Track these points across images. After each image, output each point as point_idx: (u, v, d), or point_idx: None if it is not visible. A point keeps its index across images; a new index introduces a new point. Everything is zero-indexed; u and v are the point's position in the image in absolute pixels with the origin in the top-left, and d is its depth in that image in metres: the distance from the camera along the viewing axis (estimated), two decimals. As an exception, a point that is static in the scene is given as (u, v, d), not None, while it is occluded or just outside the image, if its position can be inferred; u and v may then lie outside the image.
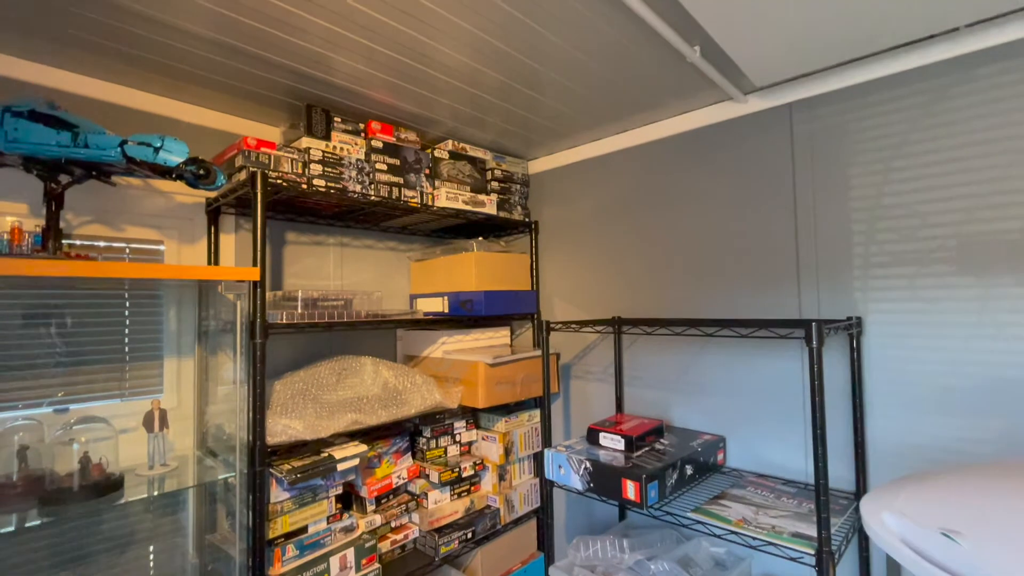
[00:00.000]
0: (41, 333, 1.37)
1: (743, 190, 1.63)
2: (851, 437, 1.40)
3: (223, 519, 1.60)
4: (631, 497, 1.31)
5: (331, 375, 1.64)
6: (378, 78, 1.47)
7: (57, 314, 1.40)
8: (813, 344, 1.03)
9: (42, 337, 1.38)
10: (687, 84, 1.55)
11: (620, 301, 1.96)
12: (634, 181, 1.92)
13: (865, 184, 1.39)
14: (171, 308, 1.60)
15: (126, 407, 1.51)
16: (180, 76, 1.43)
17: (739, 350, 1.61)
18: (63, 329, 1.40)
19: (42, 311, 1.38)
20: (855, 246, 1.40)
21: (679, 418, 1.77)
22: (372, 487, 1.67)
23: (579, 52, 1.35)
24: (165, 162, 1.16)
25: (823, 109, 1.47)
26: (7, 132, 1.10)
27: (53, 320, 1.39)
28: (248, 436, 1.33)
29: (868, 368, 1.37)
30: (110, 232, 1.50)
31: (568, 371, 2.13)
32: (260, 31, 1.22)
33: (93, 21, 1.17)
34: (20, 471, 1.20)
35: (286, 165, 1.48)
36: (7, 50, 1.29)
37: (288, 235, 1.87)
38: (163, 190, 1.58)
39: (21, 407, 1.36)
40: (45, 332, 1.38)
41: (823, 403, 1.04)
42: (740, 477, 1.54)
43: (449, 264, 2.03)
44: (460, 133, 1.93)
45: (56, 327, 1.39)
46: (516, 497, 2.02)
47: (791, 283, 1.52)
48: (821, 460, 1.02)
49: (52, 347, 1.39)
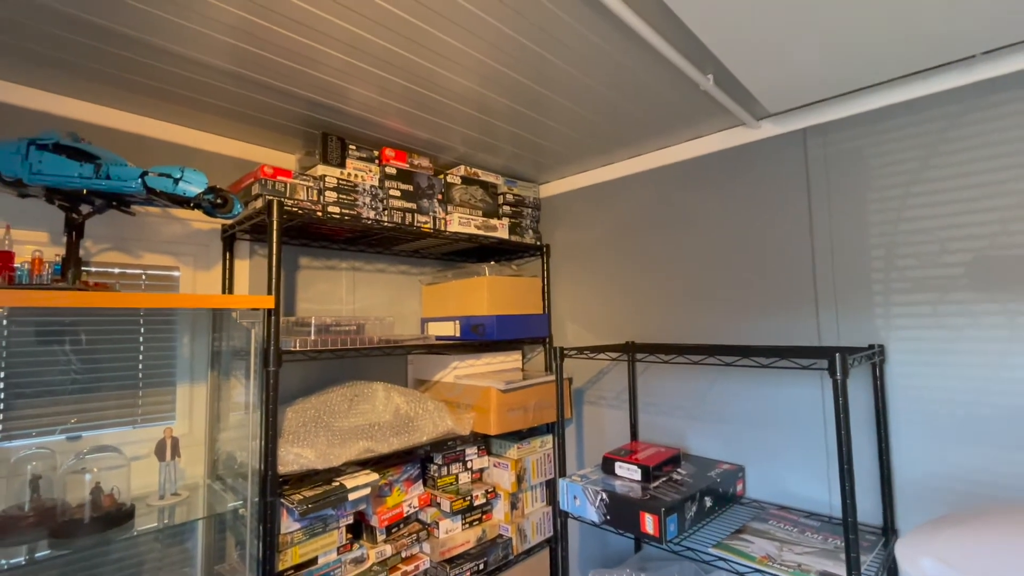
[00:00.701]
0: (56, 360, 1.38)
1: (757, 215, 1.62)
2: (876, 468, 1.35)
3: (232, 549, 1.57)
4: (649, 531, 1.27)
5: (343, 401, 1.63)
6: (392, 107, 1.49)
7: (72, 341, 1.40)
8: (837, 376, 1.00)
9: (57, 364, 1.38)
10: (699, 110, 1.56)
11: (633, 325, 1.93)
12: (646, 205, 1.92)
13: (883, 209, 1.37)
14: (185, 334, 1.60)
15: (138, 434, 1.50)
16: (199, 107, 1.46)
17: (757, 376, 1.58)
18: (78, 356, 1.41)
19: (58, 338, 1.38)
20: (875, 272, 1.38)
21: (696, 446, 1.73)
22: (383, 516, 1.64)
23: (590, 79, 1.36)
24: (184, 193, 1.18)
25: (838, 134, 1.46)
26: (31, 164, 1.12)
27: (68, 347, 1.40)
28: (260, 465, 1.31)
29: (892, 397, 1.34)
30: (127, 259, 1.51)
31: (581, 396, 2.10)
32: (277, 63, 1.25)
33: (117, 56, 1.20)
34: (32, 501, 1.19)
35: (301, 193, 1.50)
36: (34, 83, 1.32)
37: (301, 260, 1.88)
38: (180, 217, 1.60)
39: (35, 435, 1.35)
40: (60, 359, 1.38)
41: (849, 436, 1.01)
42: (761, 509, 1.49)
43: (461, 288, 2.03)
44: (472, 159, 1.94)
45: (71, 354, 1.40)
46: (529, 526, 1.97)
47: (809, 309, 1.49)
48: (849, 496, 0.99)
49: (66, 374, 1.39)
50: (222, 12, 1.05)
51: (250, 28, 1.11)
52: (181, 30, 1.10)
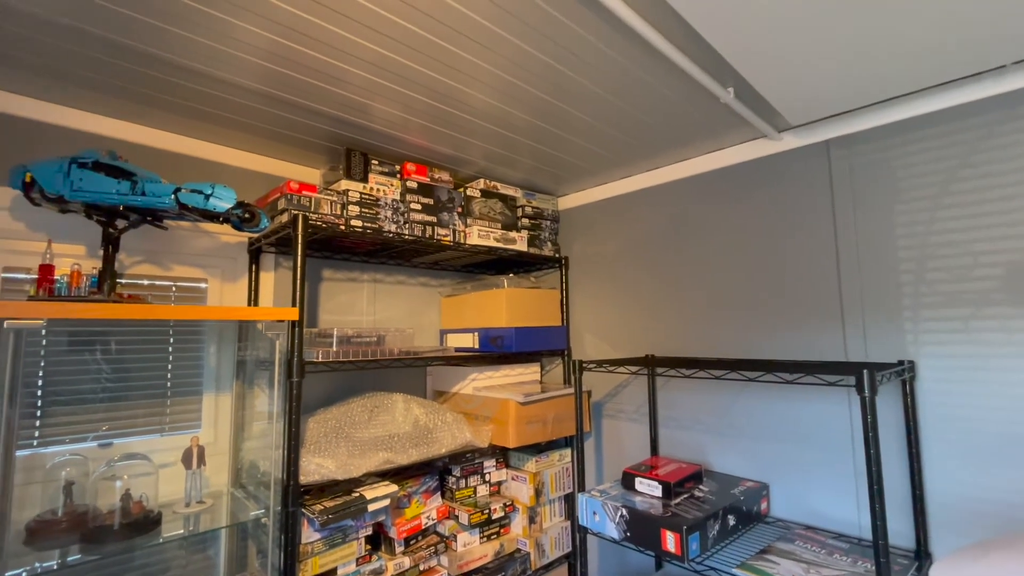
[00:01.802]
0: (89, 369, 1.43)
1: (779, 227, 1.60)
2: (908, 489, 1.31)
3: (253, 557, 1.59)
4: (671, 549, 1.25)
5: (363, 412, 1.64)
6: (414, 123, 1.53)
7: (105, 351, 1.45)
8: (866, 393, 0.98)
9: (90, 373, 1.43)
10: (719, 123, 1.55)
11: (652, 337, 1.92)
12: (665, 217, 1.91)
13: (912, 222, 1.34)
14: (212, 344, 1.64)
15: (165, 442, 1.54)
16: (229, 125, 1.51)
17: (781, 392, 1.54)
18: (110, 365, 1.45)
19: (91, 348, 1.43)
20: (904, 286, 1.35)
21: (718, 463, 1.69)
22: (401, 528, 1.65)
23: (609, 94, 1.37)
24: (215, 208, 1.22)
25: (864, 146, 1.44)
26: (72, 182, 1.17)
27: (101, 356, 1.44)
28: (282, 475, 1.33)
29: (923, 415, 1.30)
30: (158, 271, 1.56)
31: (600, 409, 2.08)
32: (304, 83, 1.29)
33: (154, 78, 1.25)
34: (65, 507, 1.23)
35: (326, 207, 1.53)
36: (76, 104, 1.39)
37: (324, 272, 1.92)
38: (209, 231, 1.65)
39: (68, 441, 1.40)
40: (93, 368, 1.43)
41: (879, 456, 0.98)
42: (787, 529, 1.45)
43: (479, 300, 2.04)
44: (492, 172, 1.96)
45: (103, 363, 1.45)
46: (547, 541, 1.95)
47: (834, 323, 1.46)
48: (880, 519, 0.96)
49: (99, 382, 1.44)
50: (255, 36, 1.09)
51: (280, 50, 1.15)
52: (216, 53, 1.15)
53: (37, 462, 1.33)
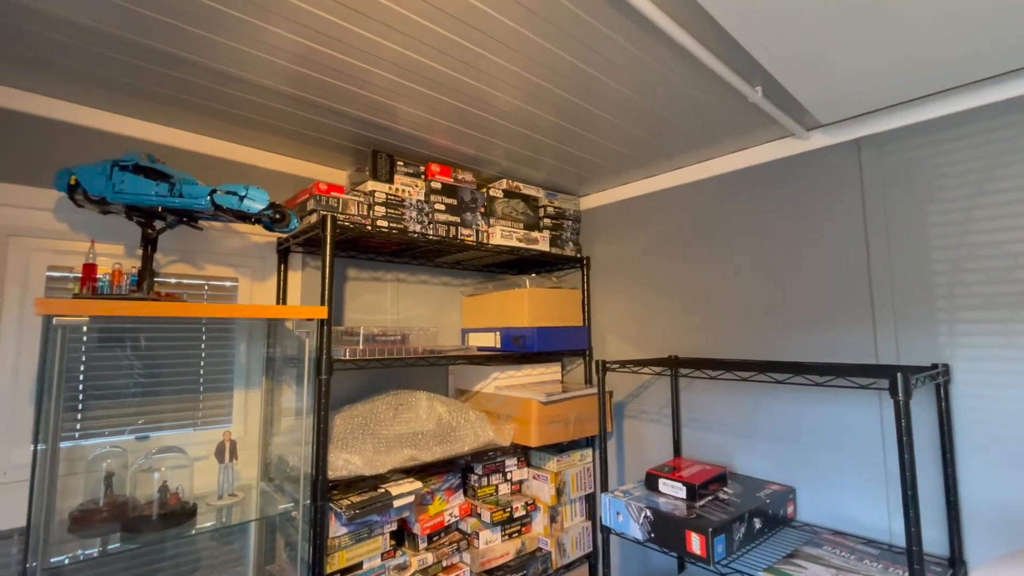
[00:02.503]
0: (126, 365, 1.48)
1: (806, 227, 1.57)
2: (941, 495, 1.28)
3: (281, 549, 1.63)
4: (696, 551, 1.24)
5: (388, 409, 1.67)
6: (438, 124, 1.54)
7: (141, 347, 1.50)
8: (900, 397, 0.96)
9: (127, 369, 1.48)
10: (745, 122, 1.53)
11: (674, 338, 1.90)
12: (688, 217, 1.90)
13: (947, 222, 1.31)
14: (242, 342, 1.69)
15: (197, 436, 1.59)
16: (259, 127, 1.55)
17: (809, 394, 1.52)
18: (146, 361, 1.50)
19: (128, 345, 1.48)
20: (938, 287, 1.32)
21: (742, 465, 1.68)
22: (425, 524, 1.67)
23: (634, 94, 1.37)
24: (249, 209, 1.25)
25: (896, 144, 1.41)
26: (114, 184, 1.21)
27: (137, 353, 1.50)
28: (311, 470, 1.36)
29: (958, 420, 1.27)
30: (191, 270, 1.61)
31: (621, 410, 2.08)
32: (331, 85, 1.31)
33: (189, 82, 1.29)
34: (106, 497, 1.27)
35: (353, 208, 1.56)
36: (115, 108, 1.44)
37: (349, 271, 1.95)
38: (239, 231, 1.69)
39: (107, 434, 1.45)
40: (130, 364, 1.48)
41: (913, 461, 0.96)
42: (814, 534, 1.43)
43: (501, 299, 2.05)
44: (514, 172, 1.97)
45: (140, 359, 1.50)
46: (568, 541, 1.96)
47: (865, 325, 1.43)
48: (914, 524, 0.94)
49: (135, 378, 1.49)
50: (283, 40, 1.12)
51: (307, 53, 1.17)
52: (247, 57, 1.18)
53: (78, 453, 1.39)
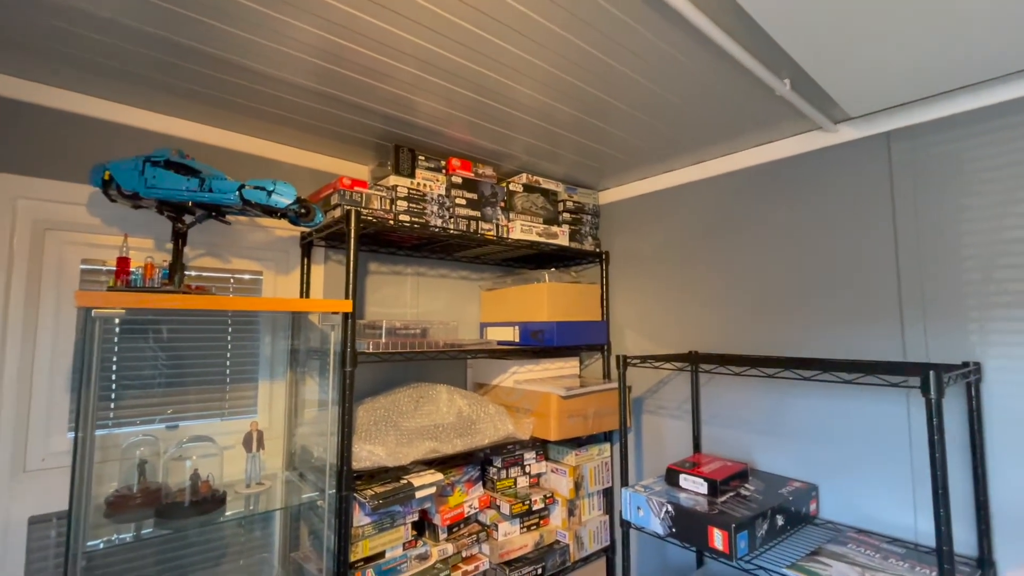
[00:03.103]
0: (156, 357, 1.52)
1: (833, 222, 1.55)
2: (970, 495, 1.26)
3: (305, 538, 1.67)
4: (718, 547, 1.24)
5: (409, 402, 1.69)
6: (458, 118, 1.55)
7: (170, 339, 1.54)
8: (932, 395, 0.95)
9: (156, 360, 1.52)
10: (770, 114, 1.51)
11: (694, 334, 1.89)
12: (709, 212, 1.88)
13: (981, 217, 1.28)
14: (266, 335, 1.72)
15: (224, 426, 1.62)
16: (283, 122, 1.57)
17: (833, 392, 1.50)
18: (175, 353, 1.54)
19: (158, 336, 1.52)
20: (970, 284, 1.29)
21: (764, 462, 1.67)
22: (445, 515, 1.69)
23: (656, 86, 1.36)
24: (276, 204, 1.27)
25: (928, 138, 1.38)
26: (146, 179, 1.24)
27: (166, 344, 1.53)
28: (336, 460, 1.39)
29: (989, 419, 1.24)
30: (218, 263, 1.64)
31: (640, 405, 2.07)
32: (354, 80, 1.32)
33: (216, 78, 1.31)
34: (140, 483, 1.31)
35: (376, 202, 1.57)
36: (144, 104, 1.47)
37: (370, 265, 1.97)
38: (264, 225, 1.72)
39: (139, 423, 1.49)
40: (159, 356, 1.52)
41: (944, 460, 0.95)
42: (838, 532, 1.42)
43: (520, 294, 2.06)
44: (534, 167, 1.97)
45: (169, 351, 1.53)
46: (586, 534, 1.97)
47: (893, 322, 1.41)
48: (944, 524, 0.93)
49: (164, 369, 1.53)
50: (310, 35, 1.13)
51: (332, 48, 1.18)
52: (273, 53, 1.20)
53: (112, 441, 1.43)
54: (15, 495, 1.30)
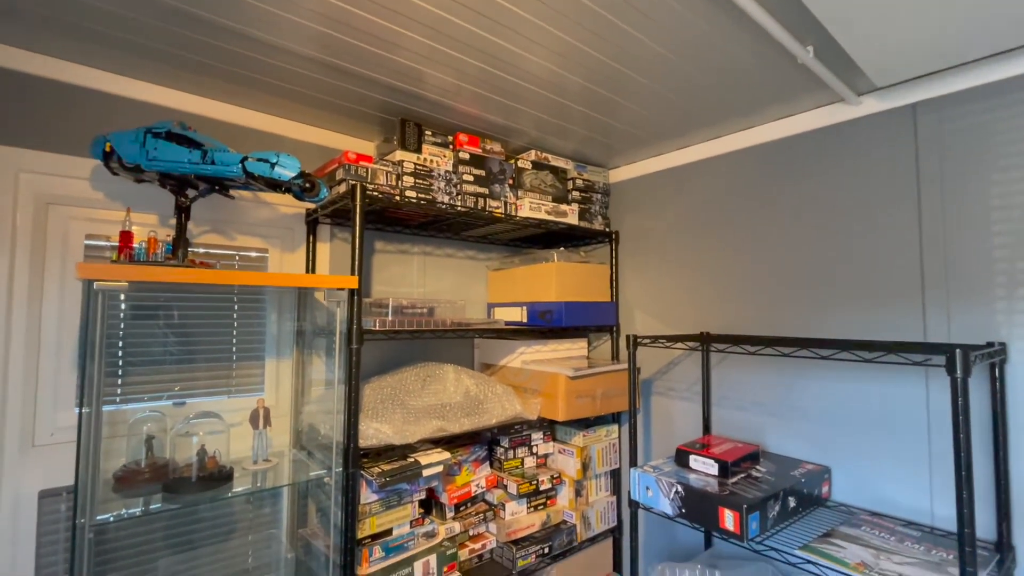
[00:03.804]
0: (162, 334, 1.51)
1: (853, 199, 1.50)
2: (990, 479, 1.23)
3: (313, 514, 1.67)
4: (729, 527, 1.22)
5: (416, 381, 1.68)
6: (467, 90, 1.50)
7: (176, 316, 1.53)
8: (958, 374, 0.91)
9: (162, 337, 1.51)
10: (791, 86, 1.45)
11: (705, 316, 1.86)
12: (723, 190, 1.82)
13: (1012, 192, 1.22)
14: (272, 313, 1.70)
15: (231, 404, 1.62)
16: (288, 96, 1.53)
17: (848, 373, 1.47)
18: (180, 330, 1.53)
19: (164, 313, 1.51)
20: (997, 262, 1.24)
21: (775, 444, 1.64)
22: (452, 494, 1.69)
23: (671, 54, 1.30)
24: (280, 177, 1.24)
25: (957, 109, 1.31)
26: (148, 151, 1.21)
27: (172, 322, 1.52)
28: (343, 438, 1.38)
29: (1013, 401, 1.20)
30: (223, 240, 1.62)
31: (649, 387, 2.05)
32: (360, 49, 1.28)
33: (218, 48, 1.27)
34: (147, 459, 1.31)
35: (381, 178, 1.54)
36: (144, 76, 1.44)
37: (376, 244, 1.95)
38: (269, 202, 1.69)
39: (146, 399, 1.49)
40: (165, 333, 1.51)
41: (969, 441, 0.91)
42: (851, 514, 1.40)
43: (528, 274, 2.03)
44: (543, 143, 1.92)
45: (174, 328, 1.52)
46: (593, 514, 1.96)
47: (913, 302, 1.37)
48: (967, 506, 0.90)
49: (170, 346, 1.52)
50: (314, 1, 1.09)
51: (336, 14, 1.14)
52: (279, 20, 1.15)
53: (119, 417, 1.43)
54: (25, 469, 1.31)
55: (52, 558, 1.31)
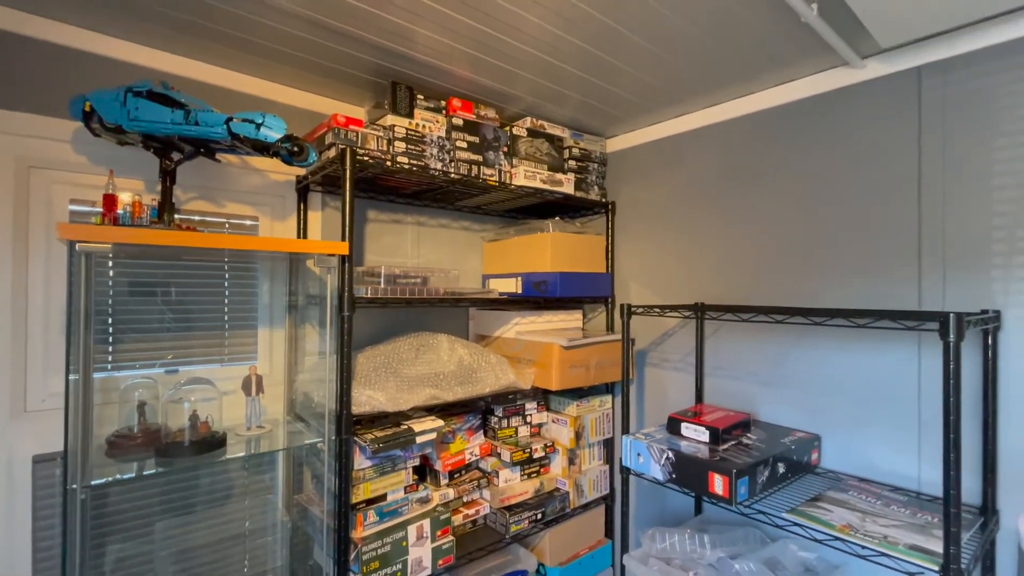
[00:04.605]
0: (153, 301, 1.49)
1: (853, 166, 1.47)
2: (977, 445, 1.24)
3: (309, 481, 1.69)
4: (718, 492, 1.24)
5: (410, 350, 1.67)
6: (459, 51, 1.45)
7: (166, 284, 1.51)
8: (951, 338, 0.91)
9: (154, 305, 1.49)
10: (793, 48, 1.41)
11: (701, 288, 1.85)
12: (722, 159, 1.79)
13: (1015, 158, 1.20)
14: (264, 281, 1.69)
15: (224, 372, 1.62)
16: (273, 56, 1.48)
17: (839, 342, 1.47)
18: (171, 298, 1.51)
19: (154, 281, 1.49)
20: (996, 229, 1.22)
21: (766, 413, 1.65)
22: (446, 461, 1.70)
23: (672, 13, 1.26)
24: (266, 138, 1.21)
25: (962, 72, 1.28)
26: (129, 111, 1.18)
27: (162, 289, 1.50)
28: (335, 405, 1.38)
29: (1005, 369, 1.21)
30: (212, 207, 1.59)
31: (643, 358, 2.05)
32: (349, 6, 1.23)
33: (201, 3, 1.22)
34: (140, 424, 1.31)
35: (372, 142, 1.50)
36: (125, 35, 1.38)
37: (369, 213, 1.92)
38: (258, 168, 1.65)
39: (138, 367, 1.48)
40: (156, 300, 1.49)
41: (959, 405, 0.91)
42: (839, 480, 1.42)
43: (523, 244, 2.01)
44: (539, 110, 1.88)
45: (165, 296, 1.51)
46: (585, 482, 1.99)
47: (909, 271, 1.36)
48: (954, 468, 0.91)
49: (162, 314, 1.51)
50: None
51: (326, -34, 1.09)
52: (260, -29, 1.10)
53: (111, 384, 1.42)
54: (17, 435, 1.30)
55: (49, 521, 1.33)
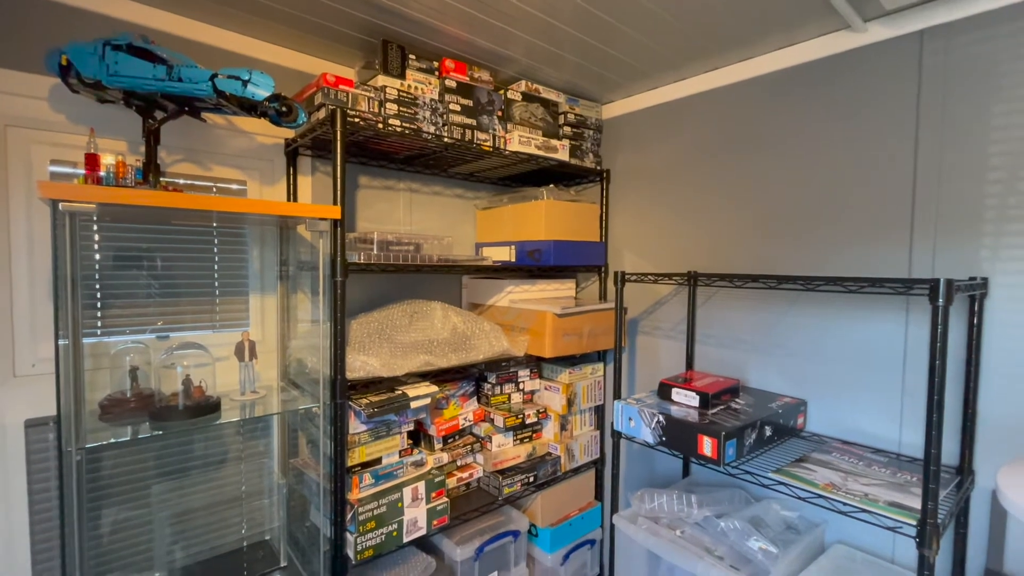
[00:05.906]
0: (142, 267, 1.46)
1: (850, 133, 1.46)
2: (958, 408, 1.28)
3: (304, 445, 1.71)
4: (707, 453, 1.27)
5: (403, 317, 1.67)
6: (453, 7, 1.40)
7: (154, 249, 1.48)
8: (940, 302, 0.92)
9: (143, 271, 1.47)
10: (796, 10, 1.37)
11: (694, 257, 1.85)
12: (718, 126, 1.77)
13: (1012, 124, 1.20)
14: (255, 247, 1.66)
15: (217, 338, 1.61)
16: (258, 11, 1.42)
17: (828, 310, 1.49)
18: (159, 264, 1.49)
19: (141, 246, 1.46)
20: (989, 196, 1.23)
21: (755, 379, 1.69)
22: (440, 427, 1.73)
23: (678, -28, 1.22)
24: (252, 96, 1.17)
25: (965, 36, 1.26)
26: (108, 66, 1.13)
27: (151, 255, 1.48)
28: (330, 370, 1.38)
29: (989, 335, 1.23)
30: (198, 170, 1.55)
31: (635, 327, 2.07)
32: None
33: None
34: (133, 389, 1.31)
35: (363, 104, 1.46)
36: (102, -15, 1.32)
37: (361, 179, 1.88)
38: (245, 130, 1.61)
39: (128, 332, 1.47)
40: (145, 266, 1.47)
41: (944, 368, 0.94)
42: (823, 443, 1.46)
43: (517, 212, 1.99)
44: (534, 73, 1.83)
45: (152, 263, 1.48)
46: (577, 447, 2.03)
47: (901, 238, 1.37)
48: (936, 428, 0.93)
49: (151, 280, 1.48)
50: None
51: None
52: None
53: (102, 350, 1.41)
54: (8, 400, 1.30)
55: (45, 484, 1.33)
